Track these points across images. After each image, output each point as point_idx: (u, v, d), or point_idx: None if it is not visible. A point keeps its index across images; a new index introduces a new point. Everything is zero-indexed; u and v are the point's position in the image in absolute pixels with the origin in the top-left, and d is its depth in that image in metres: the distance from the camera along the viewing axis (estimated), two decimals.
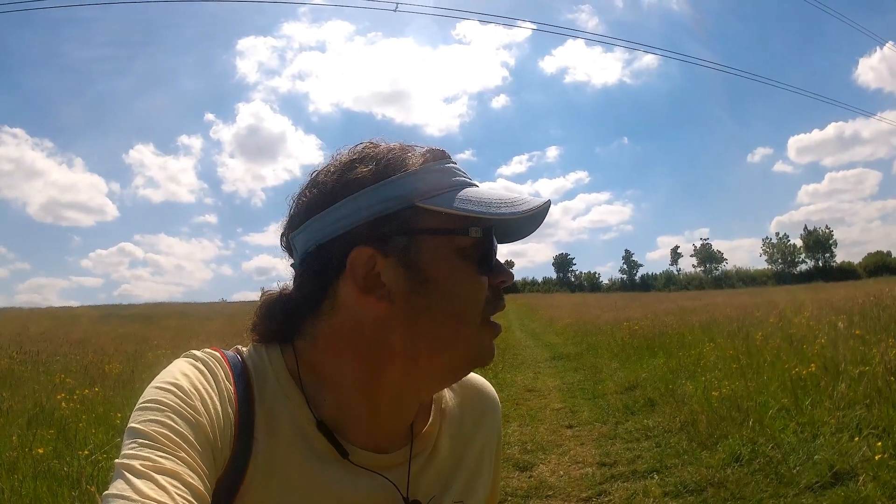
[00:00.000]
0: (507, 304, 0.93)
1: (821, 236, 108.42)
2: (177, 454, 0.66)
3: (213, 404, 0.75)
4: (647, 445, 5.52)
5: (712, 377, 7.10)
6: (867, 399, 4.99)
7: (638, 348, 11.14)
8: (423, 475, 0.88)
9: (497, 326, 0.86)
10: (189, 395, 0.73)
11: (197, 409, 0.72)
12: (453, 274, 0.81)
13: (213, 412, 0.74)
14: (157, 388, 0.73)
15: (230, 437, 0.75)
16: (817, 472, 4.08)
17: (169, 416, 0.69)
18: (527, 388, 9.13)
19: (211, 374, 0.78)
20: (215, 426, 0.73)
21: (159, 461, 0.64)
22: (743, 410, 5.51)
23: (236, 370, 0.82)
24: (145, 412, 0.70)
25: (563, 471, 5.10)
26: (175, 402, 0.71)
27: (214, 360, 0.81)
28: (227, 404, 0.77)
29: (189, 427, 0.69)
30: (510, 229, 0.89)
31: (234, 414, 0.77)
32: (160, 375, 0.76)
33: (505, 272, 0.86)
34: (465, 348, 0.83)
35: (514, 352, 14.31)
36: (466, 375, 0.91)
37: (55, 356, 10.63)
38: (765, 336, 8.71)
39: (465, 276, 0.81)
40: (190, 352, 0.82)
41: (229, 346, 0.89)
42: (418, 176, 0.80)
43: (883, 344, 5.90)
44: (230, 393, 0.78)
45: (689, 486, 4.38)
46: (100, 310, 41.17)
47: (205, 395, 0.74)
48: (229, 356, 0.84)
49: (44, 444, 4.92)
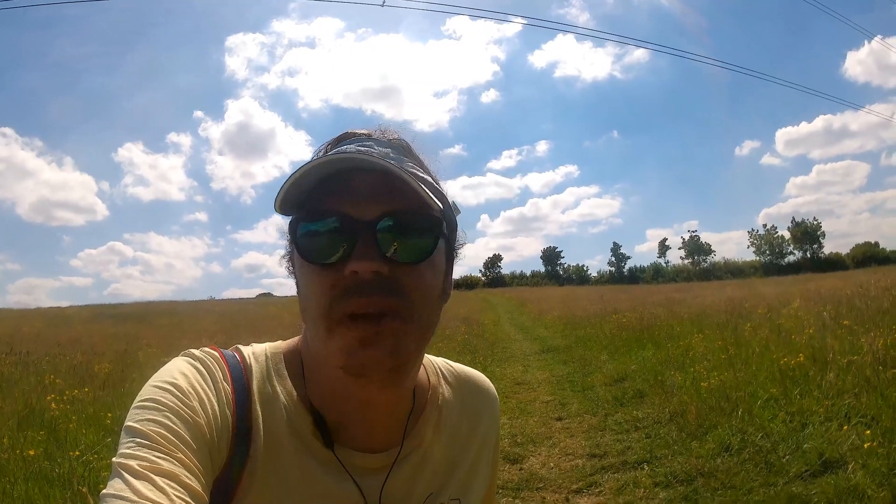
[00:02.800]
0: (496, 297, 0.88)
1: (809, 227, 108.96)
2: (175, 455, 0.66)
3: (211, 405, 0.75)
4: (636, 436, 5.55)
5: (701, 368, 7.14)
6: (856, 388, 5.03)
7: (627, 340, 11.19)
8: (419, 471, 0.89)
9: (355, 326, 0.73)
10: (187, 395, 0.73)
11: (195, 410, 0.72)
12: (299, 270, 0.80)
13: (210, 413, 0.74)
14: (155, 386, 0.73)
15: (228, 437, 0.76)
16: (806, 460, 4.12)
17: (167, 416, 0.69)
18: (516, 382, 9.15)
19: (209, 374, 0.78)
20: (213, 427, 0.73)
21: (157, 462, 0.64)
22: (732, 401, 5.55)
23: (234, 370, 0.82)
24: (143, 411, 0.70)
25: (553, 463, 5.13)
26: (173, 401, 0.71)
27: (213, 359, 0.81)
28: (225, 405, 0.77)
29: (187, 427, 0.70)
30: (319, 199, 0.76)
31: (232, 415, 0.77)
32: (158, 374, 0.76)
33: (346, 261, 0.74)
34: (326, 353, 0.77)
35: (504, 345, 14.36)
36: (358, 381, 0.76)
37: (45, 357, 10.56)
38: (753, 327, 8.77)
39: (303, 270, 0.78)
40: (188, 351, 0.82)
41: (220, 344, 0.89)
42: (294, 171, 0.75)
43: (871, 333, 5.95)
44: (228, 393, 0.78)
45: (679, 476, 4.41)
46: (90, 309, 40.83)
47: (203, 396, 0.74)
48: (227, 356, 0.84)
49: (34, 445, 4.90)
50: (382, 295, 0.72)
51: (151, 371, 0.78)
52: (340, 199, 0.75)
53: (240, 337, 14.18)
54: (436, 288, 0.80)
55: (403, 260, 0.74)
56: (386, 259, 0.73)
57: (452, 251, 0.87)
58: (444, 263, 0.83)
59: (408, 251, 0.74)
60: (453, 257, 0.87)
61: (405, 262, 0.74)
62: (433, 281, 0.79)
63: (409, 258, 0.74)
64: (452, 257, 0.87)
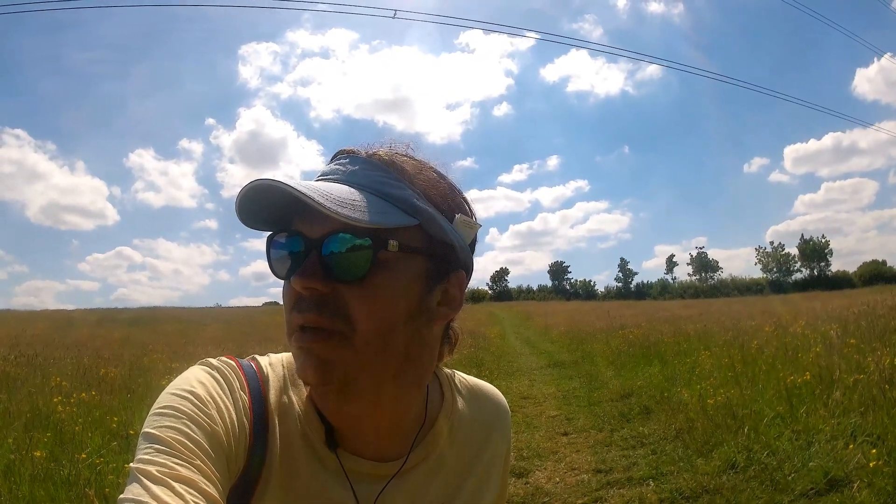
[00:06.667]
0: (502, 311, 0.87)
1: (817, 245, 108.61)
2: (192, 462, 0.67)
3: (229, 413, 0.76)
4: (642, 452, 5.53)
5: (708, 385, 7.11)
6: (862, 407, 5.01)
7: (633, 356, 11.14)
8: (429, 482, 0.90)
9: (296, 336, 0.78)
10: (205, 403, 0.74)
11: (213, 418, 0.73)
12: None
13: (228, 421, 0.75)
14: (174, 394, 0.74)
15: (244, 446, 0.77)
16: (812, 479, 4.10)
17: (185, 424, 0.70)
18: (522, 396, 9.11)
19: (226, 383, 0.80)
20: (230, 435, 0.74)
21: (176, 468, 0.65)
22: (738, 418, 5.53)
23: (251, 380, 0.83)
24: (162, 418, 0.71)
25: (559, 477, 5.11)
26: (191, 409, 0.72)
27: (230, 368, 0.82)
28: (242, 414, 0.78)
29: (205, 435, 0.71)
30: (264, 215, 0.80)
31: (249, 423, 0.78)
32: (175, 382, 0.77)
33: (291, 274, 0.78)
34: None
35: (509, 359, 14.30)
36: (315, 391, 0.81)
37: (51, 359, 10.58)
38: (760, 345, 8.73)
39: (284, 284, 0.82)
40: (205, 360, 0.83)
41: (228, 352, 0.90)
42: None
43: (878, 353, 5.93)
44: (245, 402, 0.80)
45: (684, 493, 4.39)
46: (96, 313, 40.90)
47: (220, 404, 0.75)
48: (244, 365, 0.85)
49: (41, 447, 4.91)
50: (315, 312, 0.75)
51: (157, 376, 0.79)
52: (302, 219, 0.78)
53: (246, 344, 14.20)
54: (395, 309, 0.78)
55: (339, 279, 0.75)
56: (326, 277, 0.75)
57: (445, 269, 0.83)
58: (416, 283, 0.80)
59: (342, 269, 0.75)
60: (444, 276, 0.83)
61: (342, 281, 0.75)
62: (389, 301, 0.77)
63: (343, 277, 0.75)
64: (443, 276, 0.83)
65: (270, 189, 0.73)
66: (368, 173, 0.80)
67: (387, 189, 0.79)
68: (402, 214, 0.78)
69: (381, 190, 0.78)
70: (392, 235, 0.76)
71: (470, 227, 0.86)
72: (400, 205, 0.78)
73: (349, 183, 0.79)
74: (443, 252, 0.82)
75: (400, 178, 0.81)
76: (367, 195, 0.77)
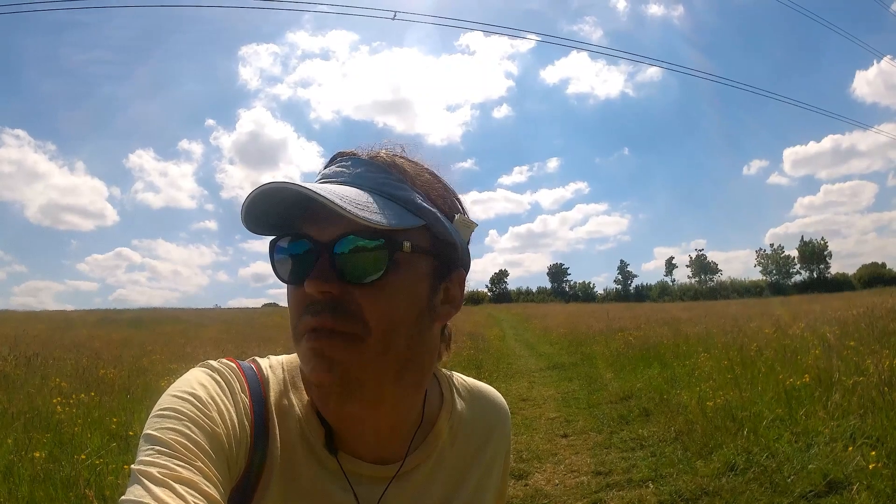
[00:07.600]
0: (501, 312, 0.87)
1: (816, 247, 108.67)
2: (193, 463, 0.67)
3: (230, 415, 0.76)
4: (642, 455, 5.54)
5: (707, 387, 7.12)
6: (861, 409, 5.02)
7: (633, 358, 11.15)
8: (429, 483, 0.90)
9: (307, 339, 0.77)
10: (206, 405, 0.74)
11: (213, 420, 0.73)
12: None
13: (228, 423, 0.75)
14: (175, 396, 0.74)
15: (245, 448, 0.77)
16: (811, 481, 4.11)
17: (186, 426, 0.70)
18: (521, 398, 9.12)
19: (227, 385, 0.79)
20: (231, 437, 0.74)
21: (177, 469, 0.65)
22: (737, 420, 5.54)
23: (252, 382, 0.83)
24: (163, 420, 0.71)
25: (558, 479, 5.11)
26: (192, 411, 0.72)
27: (231, 371, 0.82)
28: (243, 416, 0.78)
29: (206, 437, 0.71)
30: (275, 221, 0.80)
31: (249, 425, 0.78)
32: (176, 384, 0.77)
33: (300, 279, 0.78)
34: (301, 364, 0.81)
35: (509, 361, 14.31)
36: (317, 392, 0.80)
37: (50, 360, 10.56)
38: (759, 347, 8.74)
39: (287, 288, 0.82)
40: (206, 362, 0.83)
41: (229, 353, 0.90)
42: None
43: (877, 355, 5.94)
44: (246, 405, 0.80)
45: (684, 494, 4.40)
46: (95, 314, 40.85)
47: (221, 406, 0.75)
48: (245, 367, 0.85)
49: (40, 448, 4.91)
50: (329, 314, 0.75)
51: (156, 377, 0.79)
52: (307, 222, 0.78)
53: (245, 345, 14.18)
54: (406, 309, 0.79)
55: (353, 280, 0.75)
56: (340, 279, 0.75)
57: (447, 269, 0.84)
58: (423, 283, 0.81)
59: (357, 271, 0.75)
60: (447, 275, 0.84)
61: (356, 283, 0.75)
62: (401, 302, 0.78)
63: (358, 278, 0.75)
64: (445, 275, 0.84)
65: (279, 192, 0.73)
66: (372, 175, 0.80)
67: (391, 191, 0.79)
68: (410, 216, 0.78)
69: (386, 191, 0.79)
70: (404, 237, 0.77)
71: (468, 226, 0.87)
72: (406, 206, 0.79)
73: (355, 185, 0.79)
74: (446, 252, 0.83)
75: (402, 180, 0.81)
76: (376, 197, 0.77)
